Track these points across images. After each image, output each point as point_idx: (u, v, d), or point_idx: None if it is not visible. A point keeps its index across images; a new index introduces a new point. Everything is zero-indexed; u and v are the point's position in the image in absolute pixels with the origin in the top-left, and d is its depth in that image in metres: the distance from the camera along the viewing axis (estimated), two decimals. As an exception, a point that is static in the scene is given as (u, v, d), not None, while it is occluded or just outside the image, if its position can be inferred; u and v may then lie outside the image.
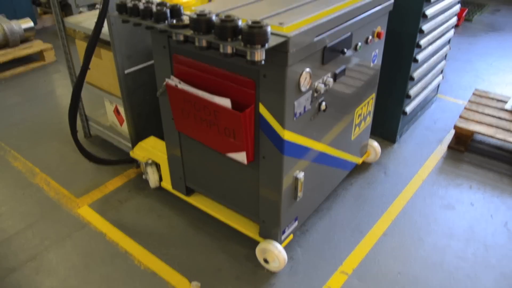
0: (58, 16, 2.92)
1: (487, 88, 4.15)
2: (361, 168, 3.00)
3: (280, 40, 1.58)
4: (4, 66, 4.56)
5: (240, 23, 1.55)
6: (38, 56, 4.84)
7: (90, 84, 2.99)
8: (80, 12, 4.84)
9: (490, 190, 2.81)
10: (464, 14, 5.84)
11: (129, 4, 1.88)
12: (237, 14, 1.81)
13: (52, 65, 4.80)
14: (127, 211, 2.64)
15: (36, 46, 4.78)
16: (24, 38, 4.77)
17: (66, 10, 5.11)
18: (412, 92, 3.09)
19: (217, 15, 1.64)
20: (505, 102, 3.43)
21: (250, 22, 1.50)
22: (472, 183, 2.88)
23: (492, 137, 3.03)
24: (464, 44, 5.31)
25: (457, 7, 3.47)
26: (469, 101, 3.49)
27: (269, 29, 1.51)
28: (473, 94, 3.59)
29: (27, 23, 4.82)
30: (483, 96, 3.55)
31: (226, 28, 1.54)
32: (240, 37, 1.54)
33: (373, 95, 2.67)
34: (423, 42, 2.93)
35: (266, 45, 1.51)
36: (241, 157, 1.97)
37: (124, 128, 2.89)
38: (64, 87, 4.29)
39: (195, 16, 1.62)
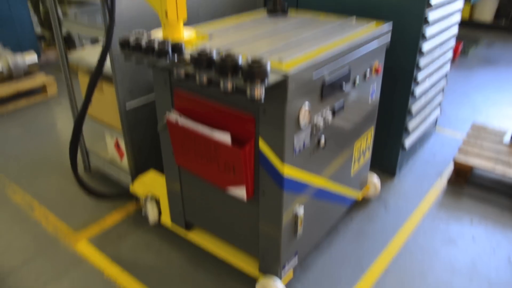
0: (62, 51, 2.97)
1: (485, 121, 4.19)
2: (361, 202, 2.98)
3: (279, 77, 1.61)
4: (7, 99, 4.61)
5: (240, 60, 1.58)
6: (40, 89, 4.90)
7: (92, 117, 3.02)
8: (83, 46, 4.94)
9: (491, 224, 2.79)
10: (460, 48, 5.96)
11: (132, 41, 1.93)
12: (237, 50, 1.86)
13: (54, 99, 4.85)
14: (125, 247, 2.61)
15: (39, 79, 4.85)
16: (28, 71, 4.85)
17: (70, 44, 5.22)
18: (410, 126, 3.12)
19: (218, 51, 1.67)
20: (503, 135, 3.45)
21: (250, 60, 1.53)
22: (473, 217, 2.86)
23: (491, 171, 3.03)
24: (461, 77, 5.39)
25: (452, 42, 3.55)
26: (467, 134, 3.51)
27: (268, 66, 1.53)
28: (471, 127, 3.62)
29: (31, 57, 4.90)
30: (481, 130, 3.58)
31: (227, 65, 1.57)
32: (240, 73, 1.57)
33: (372, 129, 2.69)
34: (420, 76, 2.98)
35: (266, 82, 1.53)
36: (240, 192, 1.97)
37: (124, 162, 2.90)
38: (65, 120, 4.33)
39: (196, 53, 1.66)
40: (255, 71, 1.50)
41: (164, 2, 1.90)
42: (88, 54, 3.02)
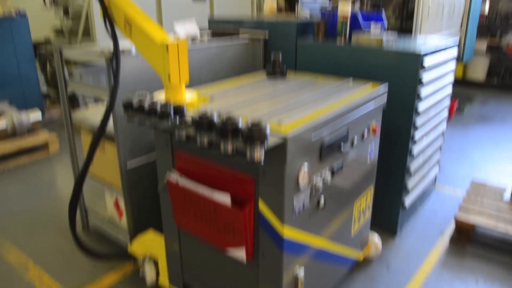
0: (66, 110, 3.04)
1: (484, 177, 4.20)
2: (363, 263, 2.93)
3: (278, 139, 1.65)
4: (9, 155, 4.65)
5: (240, 123, 1.62)
6: (42, 146, 4.95)
7: (92, 175, 3.03)
8: (87, 106, 5.05)
9: (498, 285, 2.72)
10: (455, 106, 6.10)
11: (135, 103, 1.98)
12: (237, 112, 1.91)
13: (55, 156, 4.89)
14: (121, 309, 2.53)
15: (41, 136, 4.91)
16: (31, 128, 4.92)
17: (74, 102, 5.33)
18: (409, 184, 3.12)
19: (218, 114, 1.72)
20: (503, 192, 3.45)
21: (249, 123, 1.57)
22: (478, 278, 2.79)
23: (494, 229, 3.00)
24: (458, 134, 5.47)
25: (447, 101, 3.64)
26: (467, 191, 3.51)
27: (268, 129, 1.57)
28: (471, 184, 3.63)
29: (36, 115, 5.00)
30: (480, 187, 3.58)
31: (227, 128, 1.61)
32: (240, 136, 1.61)
33: (371, 188, 2.69)
34: (417, 135, 3.03)
35: (265, 145, 1.57)
36: (240, 254, 1.94)
37: (123, 221, 2.88)
38: (65, 178, 4.34)
39: (197, 116, 1.70)
40: (255, 134, 1.54)
41: (167, 66, 1.98)
42: (91, 114, 3.09)
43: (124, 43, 2.59)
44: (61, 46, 3.04)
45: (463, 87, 8.04)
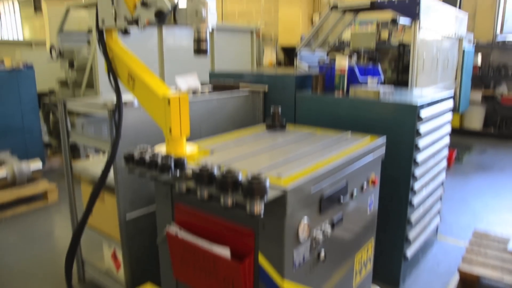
0: (68, 161, 3.06)
1: (486, 227, 4.15)
2: (366, 316, 2.84)
3: (278, 193, 1.66)
4: (7, 205, 4.62)
5: (240, 176, 1.64)
6: (41, 196, 4.94)
7: (90, 226, 3.00)
8: (88, 156, 5.08)
9: None
10: (453, 155, 6.14)
11: (136, 156, 2.01)
12: (237, 165, 1.93)
13: (54, 206, 4.87)
14: None
15: (41, 186, 4.91)
16: (31, 177, 4.93)
17: (75, 152, 5.37)
18: (411, 235, 3.09)
19: (218, 167, 1.74)
20: (507, 242, 3.40)
21: (249, 176, 1.59)
22: (485, 334, 2.71)
23: (499, 280, 2.94)
24: (458, 184, 5.47)
25: (445, 152, 3.67)
26: (470, 242, 3.47)
27: (267, 183, 1.59)
28: (473, 235, 3.59)
29: (36, 164, 5.02)
30: (483, 237, 3.54)
31: (227, 181, 1.62)
32: (240, 189, 1.62)
33: (372, 240, 2.66)
34: (416, 186, 3.04)
35: (265, 198, 1.57)
36: (240, 309, 1.90)
37: (121, 273, 2.83)
38: (63, 228, 4.30)
39: (198, 169, 1.72)
40: (255, 187, 1.55)
41: (168, 119, 2.02)
42: (92, 165, 3.11)
43: (127, 96, 2.66)
44: (65, 97, 3.11)
45: (461, 136, 8.12)
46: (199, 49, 2.05)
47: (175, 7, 2.08)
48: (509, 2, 8.02)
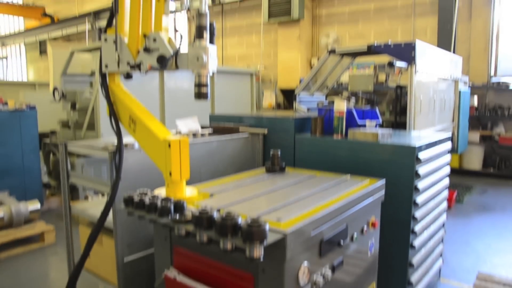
0: (67, 202, 3.05)
1: (490, 270, 4.08)
2: None
3: (278, 237, 1.65)
4: (2, 246, 4.55)
5: (239, 220, 1.63)
6: (38, 237, 4.87)
7: (86, 269, 2.95)
8: (87, 197, 5.07)
9: None
10: (454, 196, 6.11)
11: (136, 198, 2.01)
12: (237, 210, 1.93)
13: (50, 247, 4.79)
14: None
15: (38, 227, 4.85)
16: (28, 218, 4.88)
17: (73, 193, 5.36)
18: (413, 278, 3.03)
19: (218, 210, 1.74)
20: None
21: (249, 220, 1.59)
22: None
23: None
24: (459, 225, 5.41)
25: (445, 193, 3.66)
26: (475, 285, 3.40)
27: (267, 227, 1.58)
28: (478, 277, 3.52)
29: (34, 205, 4.99)
30: (488, 279, 3.47)
31: (226, 225, 1.62)
32: (240, 233, 1.61)
33: (374, 284, 2.62)
34: (417, 228, 3.01)
35: (265, 242, 1.57)
36: None
37: (116, 319, 2.75)
38: (59, 271, 4.21)
39: (197, 212, 1.72)
40: (254, 231, 1.55)
41: (169, 162, 2.04)
42: (91, 206, 3.10)
43: (127, 139, 2.69)
44: (66, 139, 3.14)
45: (461, 176, 8.12)
46: (199, 93, 2.10)
47: (176, 53, 2.14)
48: (501, 45, 8.26)
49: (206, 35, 2.11)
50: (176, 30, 2.28)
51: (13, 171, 5.64)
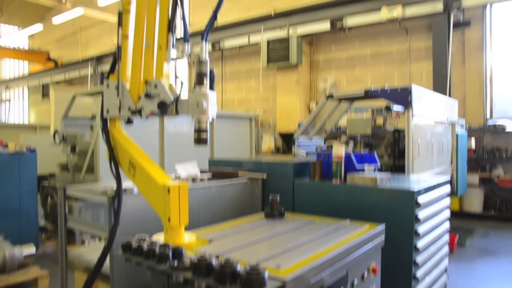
0: (63, 246, 3.01)
1: (496, 319, 3.96)
2: None
3: (277, 284, 1.62)
4: (-6, 293, 4.44)
5: (238, 267, 1.61)
6: (31, 283, 4.75)
7: (81, 318, 2.87)
8: (83, 241, 4.99)
9: None
10: (456, 240, 6.03)
11: (134, 244, 1.99)
12: (236, 256, 1.90)
13: (44, 293, 4.67)
14: None
15: (32, 273, 4.74)
16: (22, 263, 4.78)
17: (70, 237, 5.28)
18: (417, 328, 2.95)
19: (217, 257, 1.72)
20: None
21: (248, 268, 1.57)
22: None
23: None
24: (463, 270, 5.30)
25: (446, 237, 3.62)
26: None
27: (266, 274, 1.56)
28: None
29: (29, 249, 4.88)
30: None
31: (225, 273, 1.60)
32: (238, 281, 1.59)
33: (377, 334, 2.54)
34: (419, 274, 2.96)
35: (264, 290, 1.54)
36: None
37: None
38: (51, 319, 4.09)
39: (196, 259, 1.70)
40: (253, 279, 1.53)
41: (167, 208, 2.03)
42: (87, 251, 3.06)
43: (127, 183, 2.69)
44: (65, 182, 3.14)
45: (462, 219, 8.04)
46: (199, 139, 2.12)
47: (177, 99, 2.19)
48: (495, 88, 8.42)
49: (206, 81, 2.16)
50: (176, 77, 2.34)
51: (10, 214, 5.58)
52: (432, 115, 4.95)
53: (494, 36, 8.27)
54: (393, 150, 5.35)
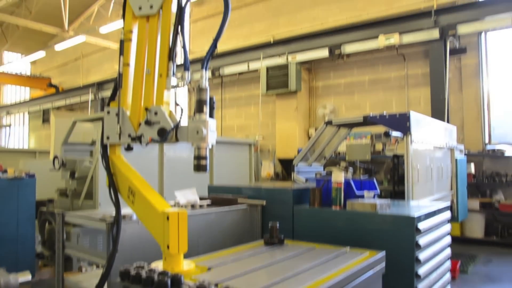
0: (60, 274, 2.97)
1: None
2: None
3: (277, 314, 1.60)
4: (-12, 323, 4.34)
5: (238, 297, 1.59)
6: (27, 312, 4.67)
7: None
8: (80, 268, 4.93)
9: None
10: (458, 266, 5.95)
11: (132, 272, 1.96)
12: (235, 284, 1.88)
13: (39, 322, 4.58)
14: None
15: (28, 301, 4.67)
16: (18, 292, 4.71)
17: (67, 263, 5.21)
18: None
19: (216, 285, 1.70)
20: None
21: (247, 297, 1.55)
22: None
23: None
24: (466, 298, 5.22)
25: (448, 264, 3.58)
26: None
27: (266, 304, 1.54)
28: None
29: (25, 277, 4.79)
30: None
31: (224, 303, 1.58)
32: (237, 311, 1.57)
33: None
34: (421, 302, 2.92)
35: (263, 321, 1.52)
36: None
37: None
38: None
39: (194, 287, 1.68)
40: (253, 309, 1.51)
41: (166, 235, 2.02)
42: (85, 279, 3.03)
43: (125, 210, 2.68)
44: (63, 207, 3.13)
45: (463, 245, 7.95)
46: (199, 165, 2.13)
47: (177, 126, 2.20)
48: (493, 113, 8.47)
49: (206, 109, 2.18)
50: (177, 104, 2.37)
51: (7, 240, 5.51)
52: (431, 140, 4.98)
53: (490, 62, 8.38)
54: (392, 175, 5.35)
